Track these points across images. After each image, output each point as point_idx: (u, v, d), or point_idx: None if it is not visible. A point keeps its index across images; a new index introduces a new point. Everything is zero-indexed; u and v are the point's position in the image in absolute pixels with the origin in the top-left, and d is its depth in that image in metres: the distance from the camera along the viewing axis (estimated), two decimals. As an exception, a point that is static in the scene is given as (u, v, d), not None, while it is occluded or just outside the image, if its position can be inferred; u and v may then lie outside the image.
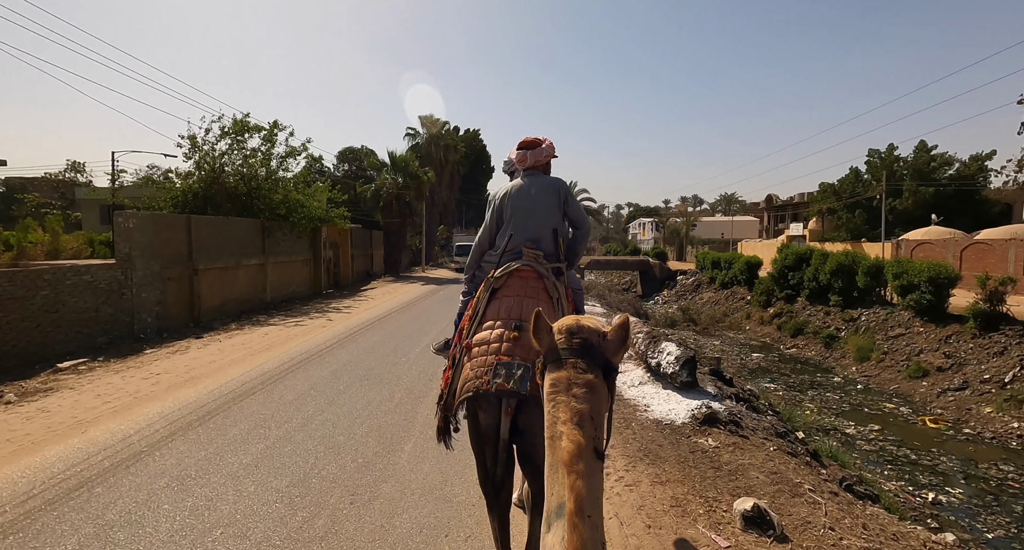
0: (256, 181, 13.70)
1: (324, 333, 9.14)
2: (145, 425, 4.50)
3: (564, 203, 2.62)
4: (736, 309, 22.02)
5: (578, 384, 1.21)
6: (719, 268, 24.98)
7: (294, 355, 7.36)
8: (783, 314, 18.56)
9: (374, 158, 23.53)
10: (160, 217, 10.06)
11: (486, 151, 40.05)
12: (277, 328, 9.72)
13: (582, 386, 1.21)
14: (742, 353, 16.35)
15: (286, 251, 14.70)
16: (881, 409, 10.74)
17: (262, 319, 10.98)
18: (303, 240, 15.79)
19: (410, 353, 7.65)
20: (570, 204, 2.64)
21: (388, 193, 21.84)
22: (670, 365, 5.36)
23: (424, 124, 29.55)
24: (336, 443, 4.21)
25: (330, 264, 18.34)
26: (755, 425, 4.67)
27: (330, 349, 7.80)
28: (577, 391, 1.20)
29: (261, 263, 13.37)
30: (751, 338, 18.72)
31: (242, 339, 8.59)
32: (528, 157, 2.69)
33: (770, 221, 46.21)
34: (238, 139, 13.14)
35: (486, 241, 2.75)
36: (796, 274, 18.46)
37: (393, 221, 22.21)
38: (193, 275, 10.62)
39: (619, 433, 4.45)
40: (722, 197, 68.20)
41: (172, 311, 10.01)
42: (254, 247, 13.13)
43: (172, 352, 7.58)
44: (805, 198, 40.30)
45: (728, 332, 19.84)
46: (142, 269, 9.17)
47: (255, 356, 7.27)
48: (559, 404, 1.19)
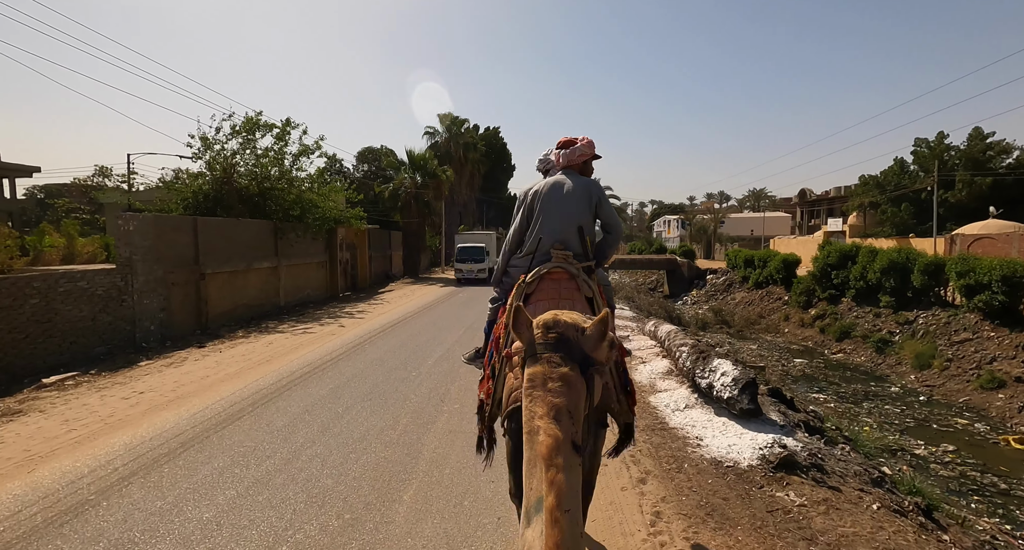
0: (269, 181, 13.20)
1: (332, 342, 8.46)
2: (104, 462, 3.82)
3: (596, 205, 2.50)
4: (772, 310, 20.65)
5: (553, 378, 1.21)
6: (752, 267, 23.60)
7: (295, 368, 6.67)
8: (826, 316, 17.18)
9: (392, 157, 23.00)
10: (163, 219, 9.57)
11: (506, 149, 39.26)
12: (284, 336, 9.10)
13: (557, 380, 1.21)
14: (783, 358, 15.11)
15: (300, 253, 14.17)
16: (952, 425, 9.49)
17: (271, 325, 10.40)
18: (318, 242, 15.26)
19: (421, 366, 6.88)
20: (603, 207, 2.52)
21: (406, 192, 21.24)
22: (726, 388, 4.43)
23: (443, 122, 28.92)
24: (322, 489, 3.44)
25: (347, 266, 17.81)
26: (842, 469, 3.71)
27: (335, 361, 7.10)
28: (552, 385, 1.20)
29: (274, 266, 12.85)
30: (791, 342, 17.41)
31: (245, 349, 7.97)
32: (562, 157, 2.61)
33: (803, 217, 44.16)
34: (249, 138, 12.64)
35: (515, 242, 2.64)
36: (840, 273, 17.07)
37: (412, 221, 21.61)
38: (200, 280, 10.11)
39: (671, 478, 3.56)
40: (750, 193, 65.79)
41: (177, 318, 9.50)
42: (266, 249, 12.61)
43: (168, 364, 6.99)
44: (843, 192, 38.28)
45: (765, 335, 18.54)
46: (143, 274, 8.66)
47: (253, 370, 6.60)
48: (535, 399, 1.18)
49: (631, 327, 9.68)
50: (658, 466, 3.76)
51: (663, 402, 5.20)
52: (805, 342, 16.98)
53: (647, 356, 7.15)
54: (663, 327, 7.35)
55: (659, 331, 7.33)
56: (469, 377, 6.33)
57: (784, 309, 20.06)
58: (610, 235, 2.65)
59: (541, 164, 3.07)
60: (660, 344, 7.27)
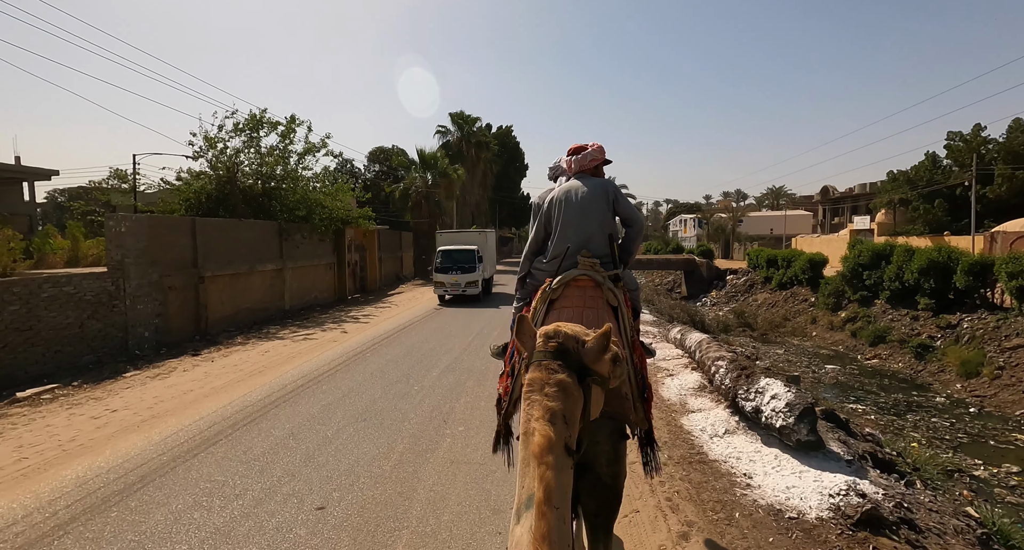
0: (274, 180, 12.74)
1: (332, 350, 7.89)
2: (45, 503, 3.25)
3: (614, 202, 2.50)
4: (798, 312, 19.63)
5: (550, 384, 1.24)
6: (776, 267, 22.56)
7: (288, 381, 6.09)
8: (858, 318, 16.16)
9: (403, 156, 22.50)
10: (158, 220, 9.10)
11: (519, 148, 38.61)
12: (283, 343, 8.55)
13: (553, 386, 1.24)
14: (813, 364, 14.19)
15: (307, 255, 13.69)
16: (1012, 441, 8.55)
17: (273, 331, 9.89)
18: (326, 243, 14.78)
19: (425, 378, 6.25)
20: (620, 203, 2.52)
21: (417, 192, 20.71)
22: (778, 415, 3.71)
23: (455, 121, 28.37)
24: (292, 543, 2.81)
25: (356, 268, 17.32)
26: (938, 524, 2.96)
27: (332, 373, 6.51)
28: (549, 390, 1.23)
29: (278, 268, 12.37)
30: (819, 346, 16.43)
31: (239, 358, 7.44)
32: (574, 163, 2.63)
33: (825, 215, 42.70)
34: (253, 136, 12.18)
35: (535, 249, 2.69)
36: (873, 273, 16.04)
37: (422, 221, 21.07)
38: (199, 283, 9.64)
39: (720, 533, 2.86)
40: (769, 191, 64.12)
41: (174, 323, 9.03)
42: (270, 251, 12.14)
43: (154, 375, 6.48)
44: (867, 189, 36.86)
45: (791, 339, 17.56)
46: (137, 278, 8.20)
47: (243, 382, 6.04)
48: (533, 403, 1.21)
49: (652, 332, 8.94)
50: (702, 515, 3.06)
51: (698, 426, 4.49)
52: (835, 346, 15.99)
53: (673, 367, 6.43)
54: (691, 335, 6.61)
55: (687, 340, 6.60)
56: (476, 391, 5.69)
57: (811, 311, 19.04)
58: (631, 229, 2.63)
59: (552, 172, 3.07)
60: (689, 355, 6.54)
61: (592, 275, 2.25)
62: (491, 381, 6.18)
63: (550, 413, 1.19)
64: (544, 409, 1.20)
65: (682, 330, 7.42)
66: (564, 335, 1.38)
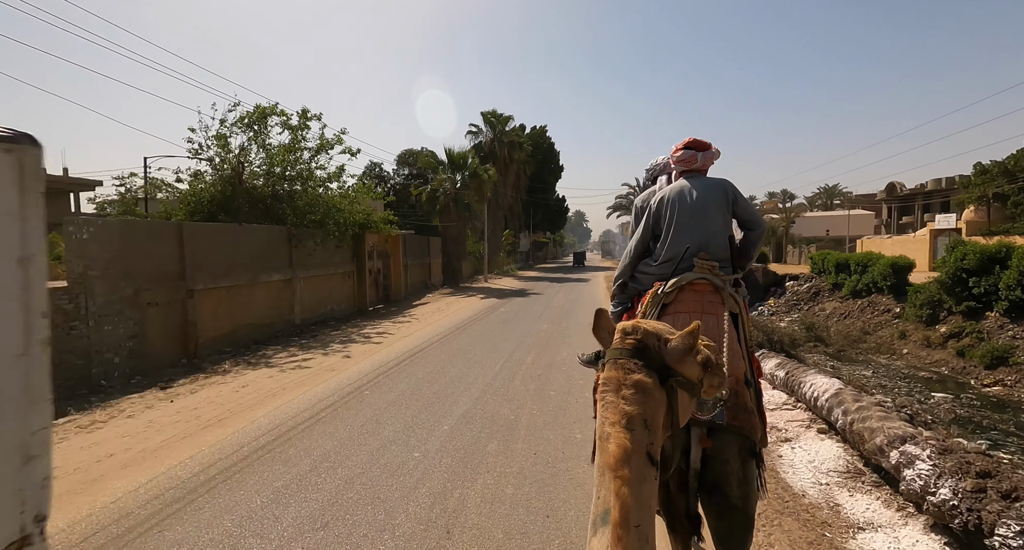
0: (284, 181, 11.42)
1: (324, 384, 6.27)
2: None
3: (733, 203, 2.32)
4: (880, 325, 16.84)
5: (627, 385, 1.13)
6: (847, 272, 19.76)
7: (246, 440, 4.45)
8: (964, 334, 13.39)
9: (431, 157, 21.10)
10: (134, 225, 7.78)
11: (554, 149, 36.75)
12: (270, 373, 7.00)
13: (631, 387, 1.12)
14: (914, 390, 11.65)
15: (321, 263, 12.30)
16: None
17: (269, 353, 8.41)
18: (343, 250, 13.38)
19: (431, 436, 4.49)
20: (740, 204, 2.33)
21: (445, 195, 19.20)
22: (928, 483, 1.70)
23: (487, 120, 26.83)
24: None
25: (378, 276, 15.89)
26: None
27: (310, 424, 4.84)
28: (627, 393, 1.12)
29: (287, 279, 10.99)
30: (914, 366, 13.74)
31: (206, 396, 5.90)
32: (699, 158, 2.39)
33: (890, 214, 38.76)
34: (260, 131, 10.87)
35: (640, 251, 2.48)
36: (983, 279, 13.27)
37: (451, 226, 19.53)
38: (187, 298, 8.28)
39: None
40: (821, 190, 59.57)
41: (154, 346, 7.68)
42: (277, 260, 10.77)
43: (91, 422, 4.99)
44: (943, 184, 33.01)
45: (876, 356, 14.90)
46: (104, 294, 6.86)
47: (184, 442, 4.44)
48: (608, 405, 1.12)
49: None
50: None
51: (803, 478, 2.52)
52: (936, 367, 13.28)
53: (783, 423, 4.42)
54: (809, 379, 4.56)
55: (803, 385, 4.56)
56: (503, 464, 3.88)
57: (897, 324, 16.25)
58: (753, 232, 2.39)
59: (650, 172, 2.84)
60: (806, 405, 4.51)
61: (711, 279, 2.08)
62: (524, 440, 4.37)
63: (627, 418, 1.06)
64: (621, 413, 1.07)
65: (785, 365, 5.35)
66: (644, 331, 1.23)
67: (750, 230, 2.39)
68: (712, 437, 1.77)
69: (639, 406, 1.09)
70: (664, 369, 1.20)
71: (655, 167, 2.84)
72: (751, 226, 2.38)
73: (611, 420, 1.07)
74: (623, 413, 1.07)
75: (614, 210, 38.08)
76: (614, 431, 1.04)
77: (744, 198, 2.37)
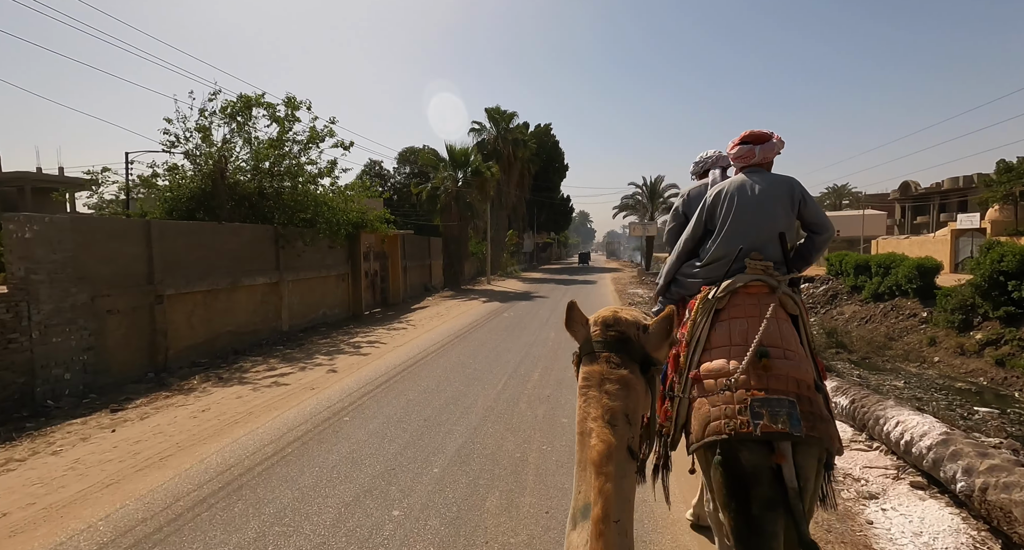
0: (271, 177, 10.54)
1: (300, 407, 5.36)
2: None
3: (801, 205, 2.14)
4: (905, 330, 15.82)
5: (611, 380, 1.13)
6: (867, 274, 18.75)
7: (183, 489, 3.54)
8: (1003, 341, 12.37)
9: (431, 154, 20.20)
10: (91, 223, 6.90)
11: (559, 148, 35.82)
12: (241, 391, 6.10)
13: (615, 382, 1.13)
14: (953, 404, 10.66)
15: (312, 265, 11.42)
16: None
17: (247, 365, 7.52)
18: (337, 251, 12.50)
19: (415, 486, 3.56)
20: (808, 205, 2.15)
21: (446, 193, 18.29)
22: None
23: (490, 117, 25.92)
24: None
25: (375, 278, 15.01)
26: None
27: (269, 467, 3.92)
28: (610, 387, 1.12)
29: (273, 282, 10.11)
30: (948, 375, 12.73)
31: (155, 424, 4.99)
32: (757, 152, 2.20)
33: (904, 214, 37.66)
34: (244, 122, 10.00)
35: (688, 249, 2.32)
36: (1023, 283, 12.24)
37: (452, 225, 18.62)
38: (155, 304, 7.41)
39: None
40: (829, 190, 58.38)
41: (116, 358, 6.80)
42: (263, 261, 9.89)
43: (7, 460, 4.10)
44: (960, 183, 31.88)
45: (904, 364, 13.88)
46: (52, 300, 5.98)
47: (108, 492, 3.53)
48: (591, 400, 1.11)
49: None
50: None
51: None
52: (973, 378, 12.26)
53: (859, 469, 3.48)
54: (892, 414, 3.59)
55: (883, 422, 3.61)
56: (508, 531, 2.95)
57: (924, 329, 15.24)
58: (819, 236, 2.23)
59: (699, 166, 2.76)
60: (887, 447, 3.57)
61: (766, 280, 1.92)
62: (533, 491, 3.45)
63: (610, 413, 1.07)
64: (604, 408, 1.07)
65: (847, 390, 4.39)
66: (625, 322, 1.23)
67: (816, 234, 2.23)
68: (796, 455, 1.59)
69: (621, 401, 1.09)
70: (645, 359, 1.19)
71: (705, 160, 2.71)
72: (818, 230, 2.22)
73: (593, 415, 1.07)
74: (606, 408, 1.07)
75: (620, 210, 37.13)
76: (596, 427, 1.04)
77: (812, 199, 2.18)
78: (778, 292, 1.91)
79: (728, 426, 1.61)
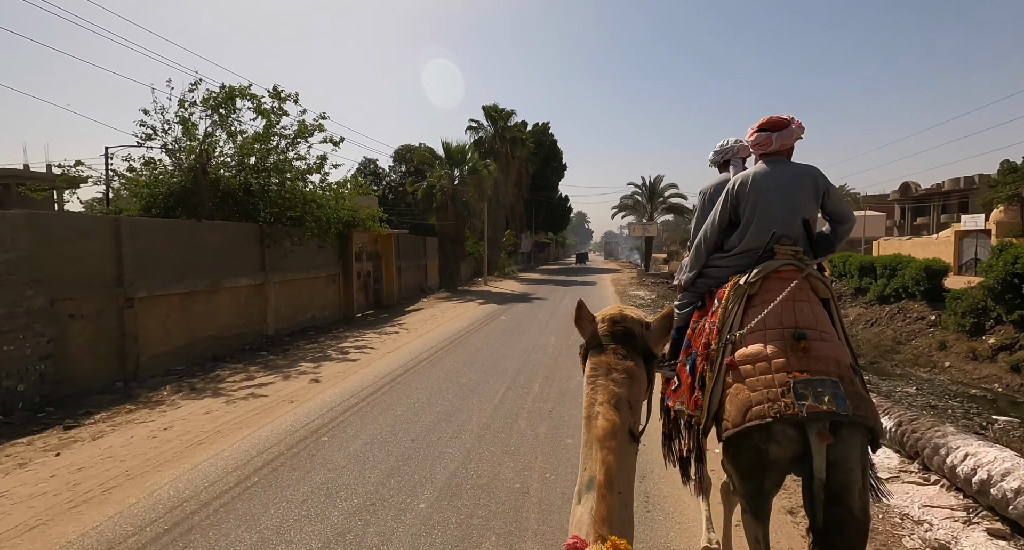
0: (257, 174, 9.98)
1: (273, 426, 4.80)
2: None
3: (825, 195, 2.12)
4: (913, 334, 15.35)
5: (618, 369, 1.22)
6: (872, 275, 18.31)
7: (120, 534, 2.98)
8: (1018, 346, 11.90)
9: (427, 152, 19.63)
10: (47, 220, 6.31)
11: (557, 147, 35.30)
12: (209, 405, 5.53)
13: (621, 372, 1.22)
14: (970, 412, 10.17)
15: (300, 265, 10.85)
16: None
17: (224, 374, 6.96)
18: (327, 250, 11.93)
19: (398, 526, 3.00)
20: (831, 195, 2.15)
21: (442, 191, 17.73)
22: None
23: (488, 115, 25.36)
24: None
25: (368, 279, 14.44)
26: None
27: (228, 502, 3.35)
28: (616, 376, 1.21)
29: (258, 283, 9.54)
30: (960, 381, 12.26)
31: (114, 443, 4.42)
32: (774, 140, 2.15)
33: (904, 215, 37.34)
34: (225, 114, 9.42)
35: (713, 240, 2.25)
36: (1040, 286, 11.78)
37: (448, 225, 18.05)
38: (125, 308, 6.83)
39: None
40: (827, 190, 58.04)
41: (80, 367, 6.22)
42: (247, 262, 9.32)
43: (-70, 491, 3.53)
44: (961, 184, 31.55)
45: (914, 369, 13.40)
46: (3, 305, 5.40)
47: (27, 539, 2.99)
48: (598, 387, 1.19)
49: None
50: None
51: None
52: (987, 384, 11.79)
53: (917, 508, 2.96)
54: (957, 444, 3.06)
55: (944, 452, 3.09)
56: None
57: (932, 333, 14.78)
58: (842, 226, 2.22)
59: (718, 156, 2.70)
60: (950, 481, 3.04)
61: (797, 264, 1.92)
62: (536, 535, 2.92)
63: (616, 398, 1.16)
64: (610, 394, 1.17)
65: (890, 410, 3.87)
66: (630, 319, 1.34)
67: (839, 224, 2.23)
68: (837, 436, 1.53)
69: (626, 388, 1.19)
70: (648, 353, 1.31)
71: (725, 149, 2.67)
72: (841, 220, 2.23)
73: (600, 400, 1.16)
74: (612, 393, 1.17)
75: (619, 210, 36.63)
76: (603, 409, 1.14)
77: (835, 188, 2.19)
78: (813, 276, 1.90)
79: (773, 409, 1.58)
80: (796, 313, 1.76)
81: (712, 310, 2.05)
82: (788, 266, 1.90)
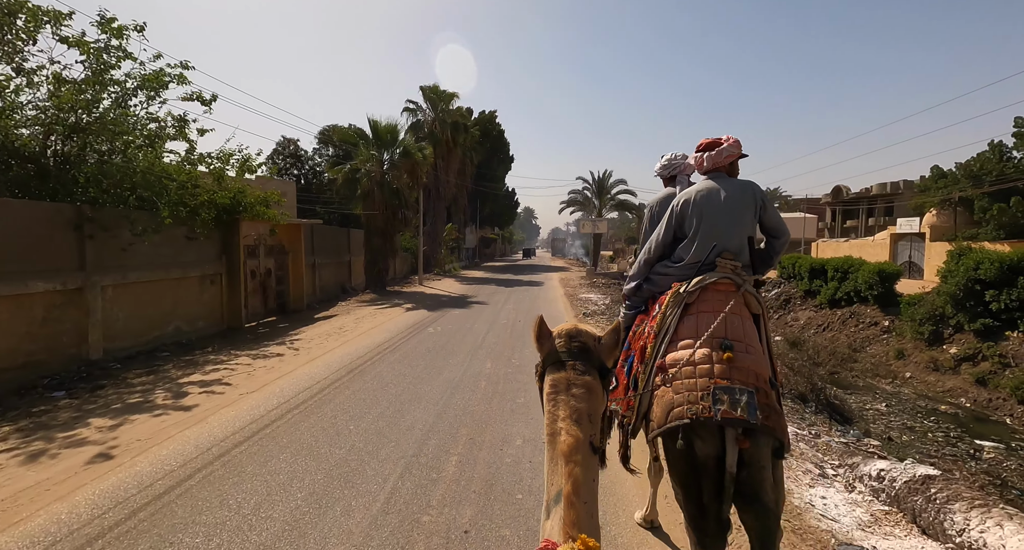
0: (76, 134, 7.02)
1: None
2: None
3: (761, 210, 2.22)
4: (868, 340, 14.59)
5: (577, 385, 1.24)
6: (823, 278, 17.64)
7: None
8: (981, 357, 11.14)
9: (350, 131, 16.80)
10: None
11: (504, 137, 33.13)
12: None
13: (580, 387, 1.23)
14: (950, 435, 9.10)
15: (155, 262, 7.98)
16: None
17: (-57, 444, 4.19)
18: (202, 242, 9.09)
19: None
20: (768, 211, 2.25)
21: (368, 176, 15.04)
22: None
23: (427, 97, 22.70)
24: None
25: (267, 280, 11.59)
26: None
27: None
28: (576, 391, 1.22)
29: (72, 289, 6.65)
30: (925, 394, 11.37)
31: None
32: (706, 160, 2.30)
33: (835, 218, 38.48)
34: (14, 43, 6.41)
35: (659, 254, 2.38)
36: (1005, 293, 11.06)
37: (375, 215, 15.38)
38: None
39: None
40: (762, 193, 60.03)
41: None
42: (52, 257, 6.42)
43: None
44: (888, 189, 32.58)
45: (875, 380, 12.47)
46: None
47: None
48: (559, 403, 1.20)
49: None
50: None
51: None
52: (952, 397, 10.93)
53: None
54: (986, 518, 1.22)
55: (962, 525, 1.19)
56: None
57: (887, 339, 14.06)
58: (778, 240, 2.35)
59: (665, 170, 2.74)
60: None
61: (734, 279, 2.03)
62: None
63: (577, 413, 1.17)
64: (571, 409, 1.18)
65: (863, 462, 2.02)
66: (585, 334, 1.37)
67: (775, 238, 2.34)
68: (751, 441, 1.68)
69: (586, 403, 1.21)
70: (603, 367, 1.34)
71: (672, 164, 2.70)
72: (776, 234, 2.32)
73: (562, 416, 1.17)
74: (572, 409, 1.19)
75: (568, 206, 35.12)
76: (566, 425, 1.15)
77: (773, 206, 2.27)
78: (743, 290, 1.99)
79: (690, 411, 1.69)
80: (727, 325, 1.86)
81: (653, 315, 2.13)
82: (726, 279, 2.00)
